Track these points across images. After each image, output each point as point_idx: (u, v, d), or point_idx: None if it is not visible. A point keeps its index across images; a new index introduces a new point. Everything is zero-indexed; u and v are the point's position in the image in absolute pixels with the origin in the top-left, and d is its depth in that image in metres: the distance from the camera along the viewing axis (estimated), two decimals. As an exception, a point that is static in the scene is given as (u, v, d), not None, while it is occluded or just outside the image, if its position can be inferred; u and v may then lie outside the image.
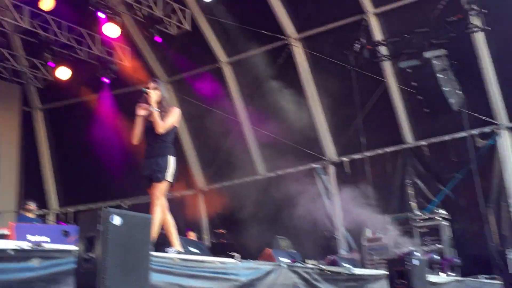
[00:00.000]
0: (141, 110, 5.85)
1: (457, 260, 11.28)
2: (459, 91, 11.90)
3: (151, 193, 5.66)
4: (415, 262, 6.67)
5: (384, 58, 12.82)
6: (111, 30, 13.47)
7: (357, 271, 7.55)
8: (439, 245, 11.48)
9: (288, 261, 7.19)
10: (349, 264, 8.35)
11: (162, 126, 5.72)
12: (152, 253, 3.98)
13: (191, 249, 6.91)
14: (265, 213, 13.41)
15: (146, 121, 5.84)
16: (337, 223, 13.51)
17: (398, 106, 13.14)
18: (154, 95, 5.78)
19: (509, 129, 12.35)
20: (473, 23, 11.69)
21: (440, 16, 12.05)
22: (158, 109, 5.76)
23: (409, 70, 12.23)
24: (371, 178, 12.87)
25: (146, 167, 5.74)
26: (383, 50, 12.82)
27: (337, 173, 13.93)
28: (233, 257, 5.74)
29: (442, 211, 11.90)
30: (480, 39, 12.06)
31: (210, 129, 14.36)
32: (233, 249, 8.96)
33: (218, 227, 14.13)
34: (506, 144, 12.29)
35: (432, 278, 8.04)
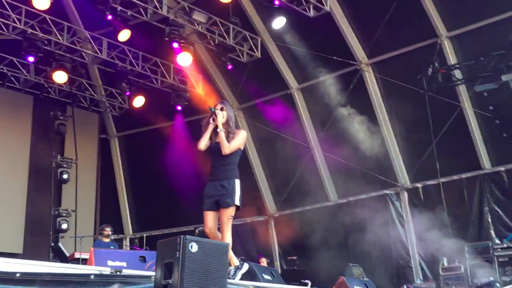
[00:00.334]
0: (213, 120, 5.84)
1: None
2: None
3: (220, 219, 5.66)
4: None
5: (459, 82, 12.52)
6: (184, 59, 13.80)
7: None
8: (520, 276, 11.03)
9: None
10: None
11: (228, 147, 5.74)
12: (228, 280, 4.01)
13: (265, 276, 6.90)
14: (336, 239, 13.26)
15: (212, 142, 5.87)
16: (411, 251, 13.16)
17: (475, 130, 12.72)
18: (220, 116, 5.83)
19: None
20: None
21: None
22: (224, 129, 5.81)
23: (485, 94, 11.90)
24: (446, 205, 12.52)
25: (211, 189, 5.76)
26: (457, 73, 12.53)
27: (411, 199, 13.57)
28: (306, 284, 5.70)
29: (524, 240, 11.43)
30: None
31: (281, 155, 14.42)
32: (305, 276, 8.92)
33: (289, 253, 14.06)
34: None
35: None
